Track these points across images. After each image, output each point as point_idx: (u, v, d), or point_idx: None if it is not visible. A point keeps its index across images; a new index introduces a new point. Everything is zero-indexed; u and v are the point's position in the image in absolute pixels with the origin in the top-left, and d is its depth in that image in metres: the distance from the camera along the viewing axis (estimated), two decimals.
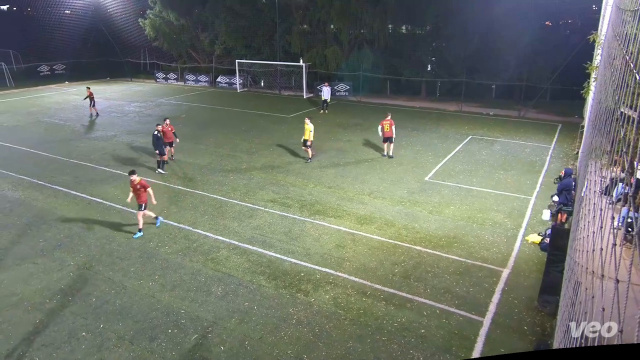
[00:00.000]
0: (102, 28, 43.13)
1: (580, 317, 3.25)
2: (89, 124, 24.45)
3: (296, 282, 9.70)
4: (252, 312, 8.72)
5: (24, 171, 16.50)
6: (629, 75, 3.66)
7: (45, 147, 19.62)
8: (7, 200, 13.99)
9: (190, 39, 38.79)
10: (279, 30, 34.23)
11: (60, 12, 43.82)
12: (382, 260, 10.49)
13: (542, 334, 8.16)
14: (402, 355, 7.66)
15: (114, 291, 9.40)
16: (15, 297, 9.19)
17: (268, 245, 11.19)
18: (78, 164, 17.36)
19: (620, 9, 6.42)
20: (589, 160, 7.63)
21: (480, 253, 10.83)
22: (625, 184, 5.91)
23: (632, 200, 2.82)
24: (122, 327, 8.33)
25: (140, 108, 28.66)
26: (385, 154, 18.09)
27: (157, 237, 11.63)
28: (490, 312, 8.73)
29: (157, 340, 7.98)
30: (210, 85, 37.88)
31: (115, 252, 10.95)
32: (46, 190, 14.78)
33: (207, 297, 9.19)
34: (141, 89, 36.58)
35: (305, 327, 8.31)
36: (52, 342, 7.92)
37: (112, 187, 14.97)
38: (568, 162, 17.27)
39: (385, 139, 17.70)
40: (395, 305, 8.91)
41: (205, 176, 16.01)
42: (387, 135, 17.51)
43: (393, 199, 14.03)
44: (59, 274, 10.01)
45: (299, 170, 16.69)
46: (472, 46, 27.70)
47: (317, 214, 12.91)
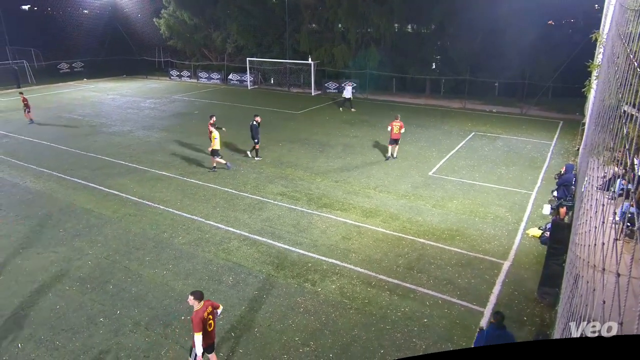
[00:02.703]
0: (119, 27, 43.25)
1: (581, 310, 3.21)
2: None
3: (304, 272, 9.72)
4: (261, 301, 8.76)
5: (44, 164, 16.66)
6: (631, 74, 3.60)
7: (64, 141, 19.77)
8: (29, 192, 14.14)
9: (203, 37, 38.76)
10: (288, 29, 34.10)
11: (79, 12, 43.99)
12: (386, 252, 10.47)
13: (542, 324, 8.11)
14: (405, 343, 7.66)
15: (130, 279, 9.48)
16: (36, 284, 9.31)
17: (277, 237, 11.21)
18: (95, 157, 17.48)
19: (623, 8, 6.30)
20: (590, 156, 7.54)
21: (482, 246, 10.77)
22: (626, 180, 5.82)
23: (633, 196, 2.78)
24: (137, 313, 8.41)
25: (155, 104, 28.75)
26: (389, 155, 17.19)
27: (171, 228, 11.70)
28: (491, 302, 8.69)
29: (171, 326, 8.05)
30: (222, 82, 37.87)
31: (131, 242, 11.03)
32: (65, 183, 14.91)
33: (219, 286, 9.24)
34: (156, 86, 36.68)
35: (312, 315, 8.33)
36: (72, 327, 8.02)
37: (127, 180, 15.06)
38: (569, 159, 17.08)
39: (392, 141, 16.91)
40: (399, 295, 8.90)
41: (216, 170, 16.05)
42: (394, 137, 16.72)
43: (397, 193, 13.98)
44: (78, 262, 10.12)
45: (307, 164, 16.67)
46: (475, 45, 27.42)
47: (324, 207, 12.90)
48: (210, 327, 6.49)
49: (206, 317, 6.39)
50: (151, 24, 40.02)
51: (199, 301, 6.38)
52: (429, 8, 28.66)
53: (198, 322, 6.25)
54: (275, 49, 35.83)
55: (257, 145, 17.09)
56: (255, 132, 16.79)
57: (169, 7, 38.20)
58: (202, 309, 6.37)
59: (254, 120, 16.84)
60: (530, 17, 25.16)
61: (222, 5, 35.68)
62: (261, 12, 35.05)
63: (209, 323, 6.46)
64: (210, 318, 6.48)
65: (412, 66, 30.45)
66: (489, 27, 26.14)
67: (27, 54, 38.00)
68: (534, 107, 25.68)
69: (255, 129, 16.77)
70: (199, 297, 6.40)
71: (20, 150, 18.37)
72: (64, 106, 28.02)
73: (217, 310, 6.72)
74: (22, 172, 15.92)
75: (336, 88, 32.29)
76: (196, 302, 6.38)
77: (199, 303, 6.38)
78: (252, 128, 16.83)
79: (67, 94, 32.60)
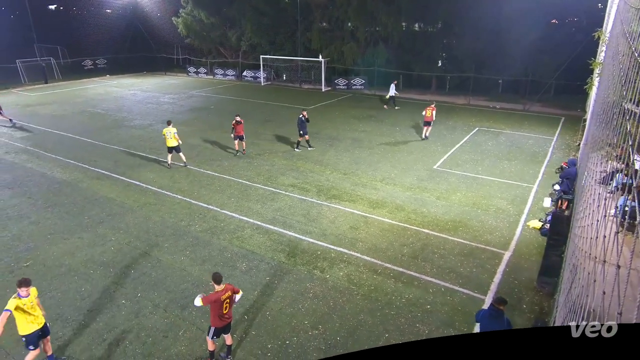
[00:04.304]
0: (139, 26, 43.35)
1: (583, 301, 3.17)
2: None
3: (313, 259, 9.74)
4: (272, 286, 8.81)
5: (70, 155, 16.85)
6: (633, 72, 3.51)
7: (88, 134, 19.96)
8: (56, 182, 14.33)
9: (219, 36, 38.69)
10: (300, 28, 33.92)
11: (102, 12, 44.14)
12: (392, 242, 10.44)
13: (540, 312, 8.05)
14: (409, 328, 7.66)
15: (150, 264, 9.59)
16: (63, 268, 9.47)
17: (288, 226, 11.23)
18: (118, 149, 17.64)
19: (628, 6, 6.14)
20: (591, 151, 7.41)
21: (484, 236, 10.69)
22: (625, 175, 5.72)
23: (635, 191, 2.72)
24: (156, 296, 8.52)
25: (173, 99, 28.85)
26: (423, 136, 18.79)
27: (189, 217, 11.78)
28: (491, 291, 8.64)
29: (188, 308, 8.14)
30: (237, 78, 37.85)
31: (151, 229, 11.14)
32: (90, 173, 15.08)
33: (233, 272, 9.30)
34: (174, 82, 36.79)
35: (321, 300, 8.36)
36: (96, 308, 8.16)
37: (148, 171, 15.18)
38: (570, 153, 16.81)
39: (425, 123, 18.55)
40: (404, 283, 8.89)
41: (231, 162, 16.11)
42: (427, 120, 18.38)
43: (403, 185, 13.90)
44: (102, 248, 10.25)
45: (317, 157, 16.64)
46: (480, 43, 26.96)
47: (333, 198, 12.88)
48: (226, 310, 6.56)
49: (223, 299, 6.47)
50: (170, 23, 40.03)
51: (217, 284, 6.46)
52: (435, 7, 28.23)
53: (211, 299, 6.36)
54: (287, 47, 35.66)
55: (307, 136, 17.30)
56: (302, 125, 16.97)
57: (187, 7, 38.17)
58: (222, 292, 6.45)
59: (301, 114, 17.00)
60: (534, 16, 24.63)
61: (237, 5, 35.55)
62: (274, 11, 34.87)
63: (225, 306, 6.53)
64: (227, 302, 6.54)
65: (419, 64, 30.08)
66: (493, 26, 25.67)
67: (54, 51, 38.30)
68: (537, 104, 25.28)
69: (302, 123, 16.94)
70: (216, 279, 6.48)
71: (48, 143, 18.59)
72: (88, 101, 28.25)
73: (235, 296, 6.78)
74: (49, 163, 16.13)
75: (345, 84, 32.18)
76: (215, 284, 6.45)
77: (218, 285, 6.46)
78: (299, 122, 17.03)
79: (91, 89, 32.86)
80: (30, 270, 9.30)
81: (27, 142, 18.65)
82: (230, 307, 6.68)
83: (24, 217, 11.80)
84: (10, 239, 10.64)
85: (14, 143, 18.56)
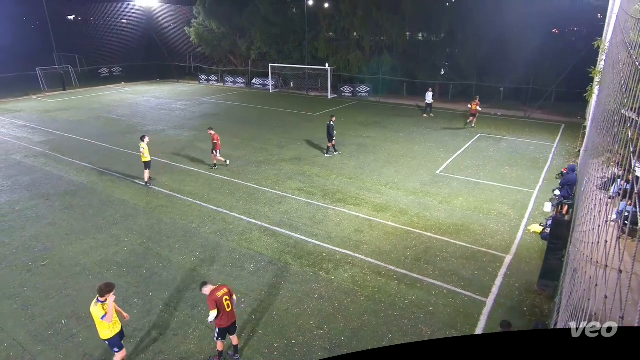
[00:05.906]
0: (154, 35, 43.79)
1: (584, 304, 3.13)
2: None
3: (319, 261, 9.71)
4: (279, 287, 8.79)
5: (86, 159, 17.00)
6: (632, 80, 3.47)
7: (104, 138, 20.14)
8: (72, 184, 14.46)
9: (229, 45, 38.97)
10: (307, 37, 34.06)
11: (118, 22, 44.68)
12: (395, 244, 10.39)
13: (540, 314, 7.96)
14: (412, 329, 7.60)
15: (162, 264, 9.62)
16: (78, 267, 9.53)
17: (294, 229, 11.23)
18: (131, 154, 17.76)
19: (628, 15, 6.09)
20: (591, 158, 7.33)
21: (486, 240, 10.60)
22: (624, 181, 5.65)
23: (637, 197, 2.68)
24: (167, 295, 8.53)
25: (185, 106, 29.05)
26: (468, 122, 22.14)
27: (199, 219, 11.82)
28: (493, 293, 8.55)
29: (197, 308, 8.15)
30: (246, 86, 38.05)
31: (163, 231, 11.18)
32: (105, 176, 15.20)
33: (241, 272, 9.30)
34: (186, 89, 37.06)
35: (326, 301, 8.32)
36: None
37: (160, 175, 15.27)
38: (570, 160, 16.67)
39: (471, 114, 21.83)
40: (407, 285, 8.83)
41: (241, 166, 16.15)
42: (472, 112, 21.62)
43: (407, 189, 13.85)
44: (115, 249, 10.31)
45: (323, 162, 16.64)
46: (483, 52, 26.90)
47: (339, 202, 12.86)
48: (229, 307, 6.58)
49: (221, 296, 6.51)
50: (183, 32, 40.42)
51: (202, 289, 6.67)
52: (438, 18, 28.24)
53: (211, 302, 6.44)
54: (295, 56, 35.83)
55: (334, 142, 17.22)
56: (331, 131, 16.95)
57: (199, 17, 38.51)
58: (215, 291, 6.53)
59: (331, 120, 17.08)
60: (535, 26, 24.53)
61: (247, 16, 35.81)
62: (283, 21, 35.09)
63: (227, 304, 6.55)
64: (226, 299, 6.57)
65: (422, 71, 30.05)
66: (495, 36, 25.59)
67: (72, 59, 38.78)
68: (538, 111, 25.11)
69: (331, 129, 16.93)
70: (201, 286, 6.69)
71: (65, 147, 18.78)
72: (104, 107, 28.52)
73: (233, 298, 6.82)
74: (66, 166, 16.28)
75: (351, 92, 32.24)
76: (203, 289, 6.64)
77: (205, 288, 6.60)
78: (328, 128, 17.03)
79: (107, 96, 33.19)
80: (47, 270, 9.38)
81: (45, 147, 18.85)
82: (233, 305, 6.69)
83: (41, 218, 11.90)
84: (29, 239, 10.74)
85: (33, 147, 18.78)
